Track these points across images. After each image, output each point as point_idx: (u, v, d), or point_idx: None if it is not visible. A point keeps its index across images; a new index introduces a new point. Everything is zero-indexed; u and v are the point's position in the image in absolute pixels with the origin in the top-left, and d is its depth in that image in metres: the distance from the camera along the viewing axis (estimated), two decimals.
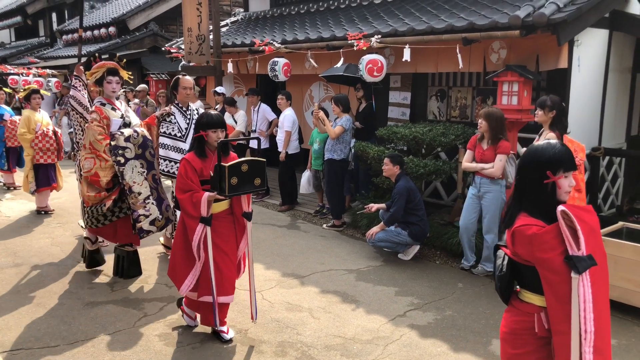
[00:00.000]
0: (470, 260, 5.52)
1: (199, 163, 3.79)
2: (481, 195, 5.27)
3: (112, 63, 5.07)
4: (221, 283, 3.84)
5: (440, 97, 7.57)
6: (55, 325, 4.27)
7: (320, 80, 9.05)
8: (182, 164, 3.79)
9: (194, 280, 3.90)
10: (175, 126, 5.26)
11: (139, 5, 16.49)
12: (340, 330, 4.23)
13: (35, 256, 5.87)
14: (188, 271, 3.89)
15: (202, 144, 3.84)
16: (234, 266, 4.00)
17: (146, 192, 4.88)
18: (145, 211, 4.86)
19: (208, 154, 3.86)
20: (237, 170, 3.61)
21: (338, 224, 7.03)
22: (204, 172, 3.79)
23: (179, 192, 3.76)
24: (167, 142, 5.26)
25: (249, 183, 3.70)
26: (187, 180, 3.73)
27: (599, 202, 6.73)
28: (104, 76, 5.00)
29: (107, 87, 5.04)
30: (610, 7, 6.08)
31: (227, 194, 3.62)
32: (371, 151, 6.54)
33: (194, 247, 3.78)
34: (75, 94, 5.53)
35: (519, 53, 5.93)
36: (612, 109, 6.75)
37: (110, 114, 4.99)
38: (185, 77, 5.32)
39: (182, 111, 5.33)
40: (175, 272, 3.96)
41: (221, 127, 3.83)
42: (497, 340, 4.10)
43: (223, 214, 3.91)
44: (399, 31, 6.61)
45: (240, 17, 11.67)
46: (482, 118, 5.14)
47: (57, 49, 18.89)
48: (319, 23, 8.72)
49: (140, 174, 4.86)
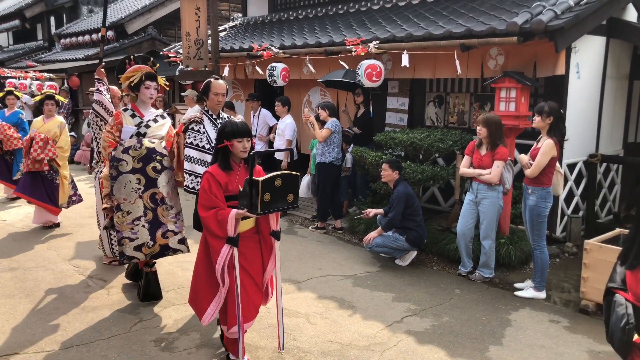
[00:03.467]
0: (468, 267, 5.51)
1: (224, 177, 3.41)
2: (478, 201, 5.27)
3: (148, 67, 4.68)
4: (247, 308, 3.48)
5: (438, 103, 7.58)
6: (50, 329, 4.24)
7: (318, 86, 9.06)
8: (205, 177, 3.40)
9: (217, 308, 3.52)
10: (203, 136, 4.49)
11: (137, 10, 16.49)
12: (337, 336, 4.21)
13: (31, 260, 5.84)
14: (211, 298, 3.51)
15: (227, 156, 3.45)
16: (259, 291, 3.62)
17: (138, 212, 4.32)
18: (131, 233, 4.31)
19: (233, 167, 3.48)
20: (270, 185, 3.21)
21: (321, 226, 7.07)
22: (229, 187, 3.42)
23: (202, 209, 3.37)
24: (194, 154, 4.47)
25: (281, 199, 3.31)
26: (211, 196, 3.34)
27: (596, 209, 6.74)
28: (141, 81, 4.56)
29: (145, 92, 4.59)
30: (608, 15, 6.10)
31: (259, 211, 3.20)
32: (369, 156, 6.55)
33: (218, 271, 3.38)
34: (101, 99, 5.23)
35: (517, 59, 5.94)
36: (610, 116, 6.77)
37: (126, 120, 4.55)
38: (218, 81, 4.53)
39: (212, 119, 4.54)
40: (196, 300, 3.58)
41: (247, 135, 3.44)
42: (494, 346, 4.10)
43: (248, 233, 3.53)
44: (397, 37, 6.62)
45: (239, 22, 11.68)
46: (481, 125, 5.15)
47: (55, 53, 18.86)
48: (317, 28, 8.74)
49: (135, 191, 4.31)
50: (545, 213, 4.92)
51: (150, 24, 16.60)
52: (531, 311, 4.74)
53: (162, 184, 4.43)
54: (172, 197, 4.52)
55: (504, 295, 5.10)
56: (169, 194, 4.48)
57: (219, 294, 3.48)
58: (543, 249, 4.97)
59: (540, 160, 4.79)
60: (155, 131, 4.61)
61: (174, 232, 4.46)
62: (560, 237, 6.28)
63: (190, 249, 4.68)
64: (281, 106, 7.79)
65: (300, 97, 9.58)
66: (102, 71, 5.44)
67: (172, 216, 4.47)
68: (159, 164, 4.42)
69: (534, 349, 4.07)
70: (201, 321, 3.55)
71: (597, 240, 4.72)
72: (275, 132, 8.38)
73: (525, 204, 5.02)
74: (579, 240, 6.13)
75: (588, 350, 4.07)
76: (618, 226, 5.61)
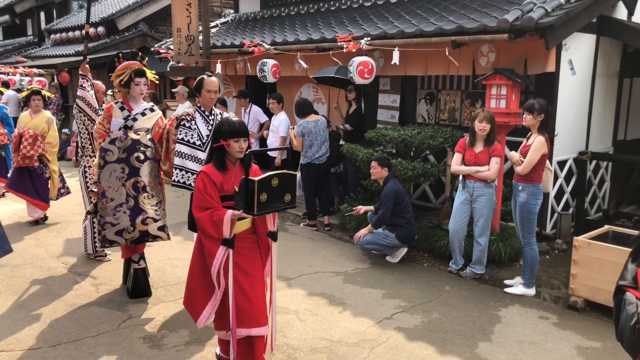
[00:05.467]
0: (459, 264, 5.51)
1: (219, 177, 3.30)
2: (473, 199, 5.24)
3: (137, 63, 4.70)
4: (251, 313, 3.31)
5: (430, 100, 7.59)
6: (37, 327, 4.20)
7: (310, 82, 9.04)
8: (199, 177, 3.31)
9: (213, 310, 3.42)
10: (195, 133, 4.56)
11: (128, 5, 16.36)
12: (327, 333, 4.20)
13: (19, 257, 5.79)
14: (206, 301, 3.41)
15: (223, 155, 3.36)
16: (263, 292, 3.46)
17: (120, 199, 4.45)
18: (113, 219, 4.43)
19: (229, 167, 3.38)
20: (267, 185, 3.11)
21: (312, 223, 7.13)
22: (224, 187, 3.32)
23: (197, 210, 3.27)
24: (185, 150, 4.54)
25: (278, 199, 3.22)
26: (205, 197, 3.24)
27: (585, 206, 6.77)
28: (131, 78, 4.62)
29: (135, 89, 4.66)
30: (598, 12, 6.13)
31: (255, 212, 3.10)
32: (360, 153, 6.54)
33: (214, 273, 3.28)
34: (84, 95, 5.28)
35: (508, 57, 5.95)
36: (600, 114, 6.80)
37: (115, 113, 4.66)
38: (211, 79, 4.59)
39: (204, 116, 4.63)
40: (191, 302, 3.47)
41: (244, 135, 3.34)
42: (484, 343, 4.10)
43: (245, 234, 3.41)
44: (389, 34, 6.61)
45: (230, 18, 11.62)
46: (486, 121, 5.08)
47: (45, 48, 18.71)
48: (308, 25, 8.71)
49: (118, 179, 4.46)
50: (536, 210, 4.93)
51: (142, 20, 16.47)
52: (521, 308, 4.76)
53: (144, 173, 4.56)
54: (154, 187, 4.65)
55: (493, 292, 5.11)
56: (151, 183, 4.61)
57: (214, 296, 3.39)
58: (533, 245, 4.99)
59: (532, 157, 4.79)
60: (142, 124, 4.73)
61: (153, 219, 4.53)
62: (550, 234, 6.30)
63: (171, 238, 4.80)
64: (276, 103, 7.75)
65: (292, 93, 9.55)
66: (87, 67, 5.45)
67: (153, 204, 4.59)
68: (142, 154, 4.57)
69: (523, 345, 4.09)
70: (197, 323, 3.44)
71: (586, 237, 4.74)
72: (266, 128, 8.35)
73: (515, 201, 5.03)
74: (568, 237, 6.16)
75: (576, 346, 4.09)
76: (607, 223, 5.64)
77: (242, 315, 3.29)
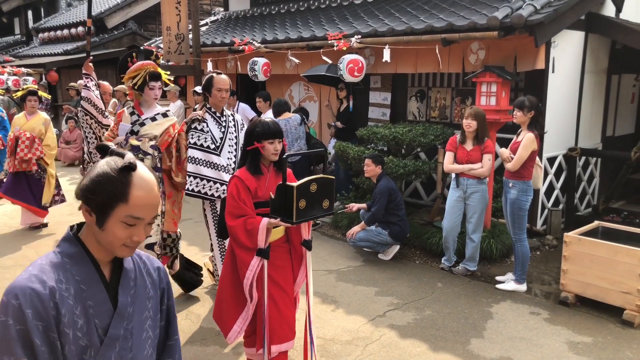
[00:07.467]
0: (452, 261, 5.54)
1: (253, 182, 3.11)
2: (467, 196, 5.26)
3: (152, 64, 4.34)
4: (280, 326, 3.17)
5: (420, 98, 7.61)
6: None
7: (300, 80, 9.04)
8: (232, 182, 3.12)
9: (244, 325, 3.23)
10: (207, 136, 4.29)
11: (117, 4, 16.27)
12: (320, 331, 4.21)
13: (10, 258, 5.75)
14: (237, 315, 3.22)
15: (257, 159, 3.14)
16: (292, 305, 3.33)
17: None
18: None
19: (263, 171, 3.17)
20: (305, 191, 2.93)
21: None
22: (258, 193, 3.12)
23: (230, 217, 3.09)
24: (199, 155, 4.27)
25: (317, 206, 3.04)
26: (239, 203, 3.06)
27: (575, 202, 6.82)
28: (145, 81, 4.24)
29: (149, 93, 4.29)
30: (586, 10, 6.17)
31: (294, 220, 2.91)
32: (351, 151, 6.55)
33: (246, 285, 3.09)
34: (89, 95, 4.99)
35: (497, 54, 5.98)
36: (588, 110, 6.85)
37: (124, 118, 4.37)
38: (221, 76, 4.31)
39: (215, 117, 4.37)
40: (222, 316, 3.27)
41: (279, 136, 3.13)
42: (476, 339, 4.13)
43: (279, 243, 3.23)
44: (379, 31, 6.62)
45: (220, 17, 11.59)
46: (471, 118, 5.11)
47: (32, 47, 18.54)
48: (299, 23, 8.70)
49: None
50: (526, 206, 4.96)
51: (131, 19, 16.38)
52: (512, 304, 4.79)
53: None
54: None
55: (485, 288, 5.15)
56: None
57: (246, 310, 3.20)
58: (524, 242, 5.02)
59: (522, 153, 4.82)
60: (150, 129, 4.37)
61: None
62: (540, 230, 6.35)
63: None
64: (262, 102, 7.74)
65: (282, 91, 9.55)
66: (90, 65, 5.19)
67: None
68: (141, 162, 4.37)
69: (515, 341, 4.12)
70: (227, 339, 3.26)
71: (576, 233, 4.78)
72: None
73: (506, 197, 5.06)
74: (559, 233, 6.21)
75: (567, 341, 4.12)
76: (597, 219, 5.69)
77: (274, 333, 3.15)
